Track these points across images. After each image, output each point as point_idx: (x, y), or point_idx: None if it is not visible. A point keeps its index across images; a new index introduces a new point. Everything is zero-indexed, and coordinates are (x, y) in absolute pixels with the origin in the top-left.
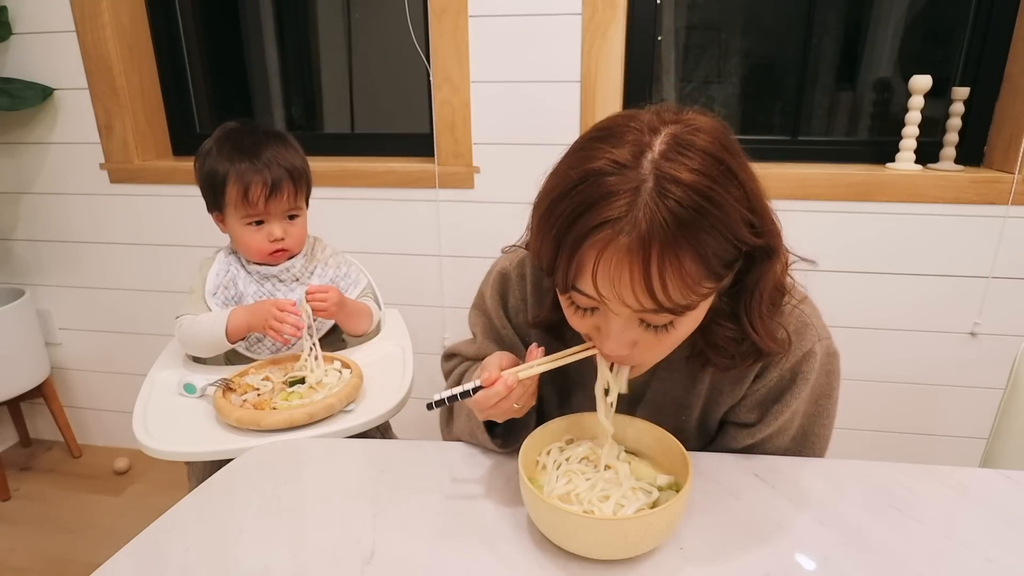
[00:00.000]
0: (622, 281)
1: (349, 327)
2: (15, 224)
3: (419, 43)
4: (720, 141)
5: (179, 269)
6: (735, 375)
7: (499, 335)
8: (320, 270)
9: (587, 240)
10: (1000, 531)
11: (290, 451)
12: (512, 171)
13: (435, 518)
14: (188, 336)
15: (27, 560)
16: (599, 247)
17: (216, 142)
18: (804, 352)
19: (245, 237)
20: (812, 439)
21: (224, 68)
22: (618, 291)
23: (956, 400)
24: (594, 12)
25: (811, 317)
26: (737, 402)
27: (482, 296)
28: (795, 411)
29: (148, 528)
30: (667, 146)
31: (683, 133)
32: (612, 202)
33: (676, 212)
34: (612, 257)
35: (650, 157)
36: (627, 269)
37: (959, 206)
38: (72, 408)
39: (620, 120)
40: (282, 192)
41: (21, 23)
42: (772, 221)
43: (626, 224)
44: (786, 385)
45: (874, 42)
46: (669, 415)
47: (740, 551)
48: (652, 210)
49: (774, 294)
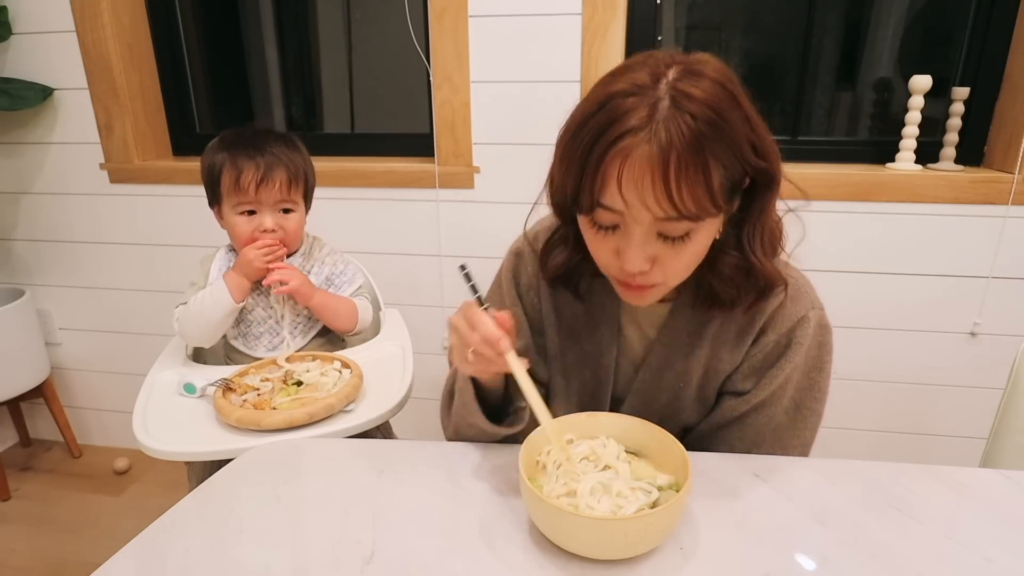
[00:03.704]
0: (644, 186)
1: (327, 321)
2: (15, 224)
3: (419, 43)
4: (725, 74)
5: (179, 269)
6: (734, 338)
7: (510, 312)
8: (317, 268)
9: (611, 150)
10: (1000, 531)
11: (290, 451)
12: (512, 171)
13: (435, 518)
14: (193, 316)
15: (27, 560)
16: (623, 156)
17: (219, 139)
18: (799, 317)
19: (237, 226)
20: (805, 413)
21: (224, 68)
22: (641, 196)
23: (956, 400)
24: (594, 12)
25: (806, 286)
26: (735, 369)
27: (498, 276)
28: (788, 377)
29: (148, 528)
30: (680, 73)
31: (693, 64)
32: (633, 114)
33: (691, 124)
34: (635, 164)
35: (665, 81)
36: (648, 175)
37: (959, 206)
38: (72, 408)
39: (636, 58)
40: (274, 181)
41: (21, 23)
42: (772, 147)
43: (647, 134)
44: (782, 350)
45: (874, 42)
46: (668, 383)
47: (740, 551)
48: (670, 121)
49: (773, 231)
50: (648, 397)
